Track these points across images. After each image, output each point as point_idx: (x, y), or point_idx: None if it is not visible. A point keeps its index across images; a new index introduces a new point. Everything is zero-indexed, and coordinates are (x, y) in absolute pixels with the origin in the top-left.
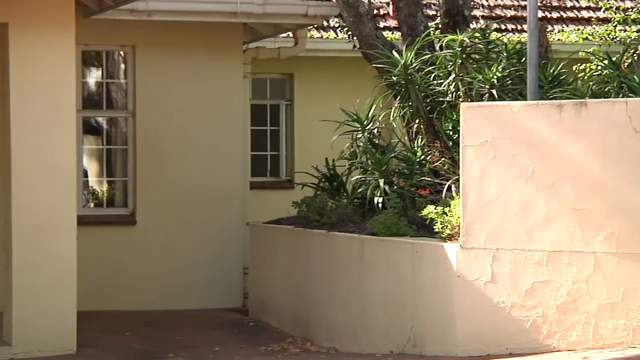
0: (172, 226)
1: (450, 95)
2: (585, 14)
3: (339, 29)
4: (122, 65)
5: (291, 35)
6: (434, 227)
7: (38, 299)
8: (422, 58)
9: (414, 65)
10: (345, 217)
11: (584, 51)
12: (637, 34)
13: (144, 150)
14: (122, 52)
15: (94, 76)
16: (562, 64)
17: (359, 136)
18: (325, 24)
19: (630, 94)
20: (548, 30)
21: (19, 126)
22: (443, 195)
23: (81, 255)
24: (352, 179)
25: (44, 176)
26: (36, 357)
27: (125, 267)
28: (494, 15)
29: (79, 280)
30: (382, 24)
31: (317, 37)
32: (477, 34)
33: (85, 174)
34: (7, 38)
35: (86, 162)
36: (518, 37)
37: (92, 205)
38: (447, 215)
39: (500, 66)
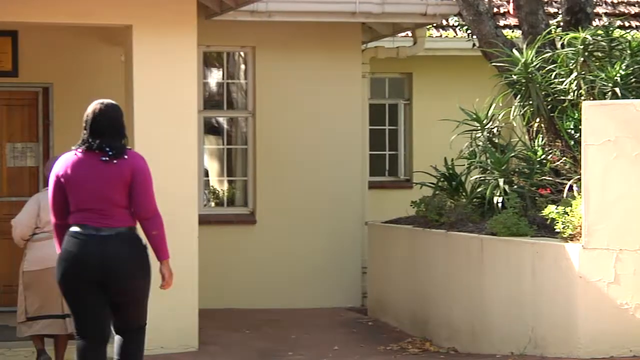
0: (291, 225)
1: (571, 93)
2: None
3: (458, 27)
4: (242, 66)
5: (410, 34)
6: (555, 227)
7: (161, 297)
8: (543, 56)
9: (535, 63)
10: (464, 216)
11: None
12: None
13: (263, 150)
14: (242, 53)
15: (215, 77)
16: None
17: (478, 135)
18: (444, 22)
19: None
20: None
21: (142, 126)
22: (564, 195)
23: (202, 253)
24: (471, 178)
25: (166, 176)
26: (159, 354)
27: (245, 266)
28: (617, 12)
29: (199, 278)
30: (502, 22)
31: (436, 36)
32: (599, 32)
33: (206, 174)
34: (131, 40)
35: (207, 161)
36: None
37: (212, 204)
38: (568, 215)
39: (624, 64)
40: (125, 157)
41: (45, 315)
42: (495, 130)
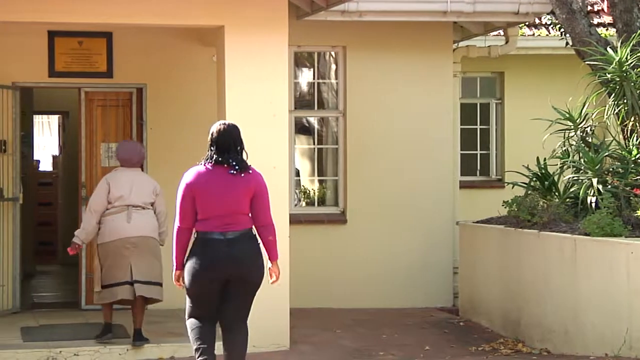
0: (382, 225)
1: None
2: None
3: (551, 26)
4: (333, 66)
5: (502, 33)
6: None
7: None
8: (638, 54)
9: (630, 62)
10: (557, 217)
11: None
12: None
13: (354, 150)
14: (333, 53)
15: (306, 77)
16: None
17: (571, 135)
18: (536, 21)
19: None
20: None
21: None
22: None
23: (293, 253)
24: (564, 178)
25: None
26: (251, 352)
27: (336, 266)
28: None
29: (290, 278)
30: (595, 21)
31: (528, 35)
32: None
33: (297, 173)
34: (223, 40)
35: (298, 161)
36: None
37: (303, 204)
38: None
39: None
40: (250, 171)
41: (116, 283)
42: (588, 129)
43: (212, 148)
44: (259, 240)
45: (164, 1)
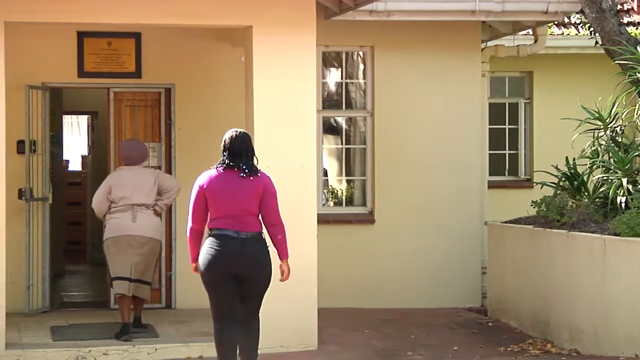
0: (410, 225)
1: None
2: None
3: (581, 25)
4: (361, 66)
5: (531, 32)
6: None
7: (281, 296)
8: None
9: None
10: (587, 217)
11: None
12: None
13: (382, 150)
14: (361, 53)
15: (334, 77)
16: None
17: (600, 134)
18: (566, 20)
19: None
20: None
21: (262, 125)
22: None
23: (321, 253)
24: (594, 178)
25: (286, 175)
26: (279, 352)
27: (363, 266)
28: None
29: (318, 277)
30: (625, 20)
31: (557, 34)
32: None
33: (325, 173)
34: (251, 40)
35: (326, 161)
36: None
37: (331, 204)
38: None
39: None
40: (259, 175)
41: (118, 277)
42: (618, 129)
43: (224, 154)
44: (268, 243)
45: (192, 2)
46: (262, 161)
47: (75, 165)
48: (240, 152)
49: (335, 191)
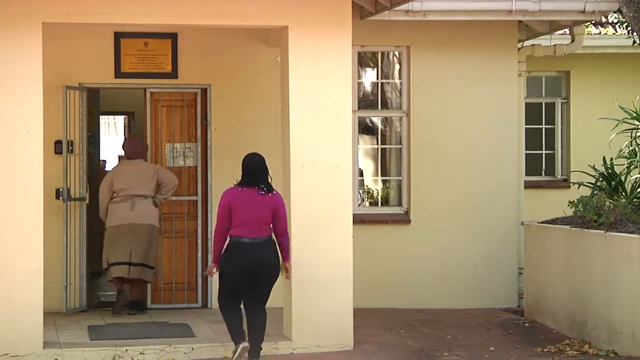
0: (446, 225)
1: None
2: None
3: (618, 24)
4: (397, 66)
5: (567, 32)
6: None
7: (316, 296)
8: None
9: None
10: (624, 217)
11: None
12: None
13: (417, 150)
14: (396, 53)
15: (369, 77)
16: None
17: (638, 134)
18: (603, 19)
19: None
20: None
21: (298, 125)
22: None
23: (356, 253)
24: (631, 178)
25: (321, 175)
26: (315, 352)
27: (399, 266)
28: None
29: (354, 277)
30: None
31: (594, 34)
32: None
33: (361, 173)
34: (287, 41)
35: (362, 161)
36: None
37: (367, 204)
38: None
39: None
40: (274, 192)
41: (116, 262)
42: None
43: (245, 174)
44: (277, 245)
45: (229, 2)
46: (297, 161)
47: (112, 165)
48: (257, 172)
49: (371, 191)
